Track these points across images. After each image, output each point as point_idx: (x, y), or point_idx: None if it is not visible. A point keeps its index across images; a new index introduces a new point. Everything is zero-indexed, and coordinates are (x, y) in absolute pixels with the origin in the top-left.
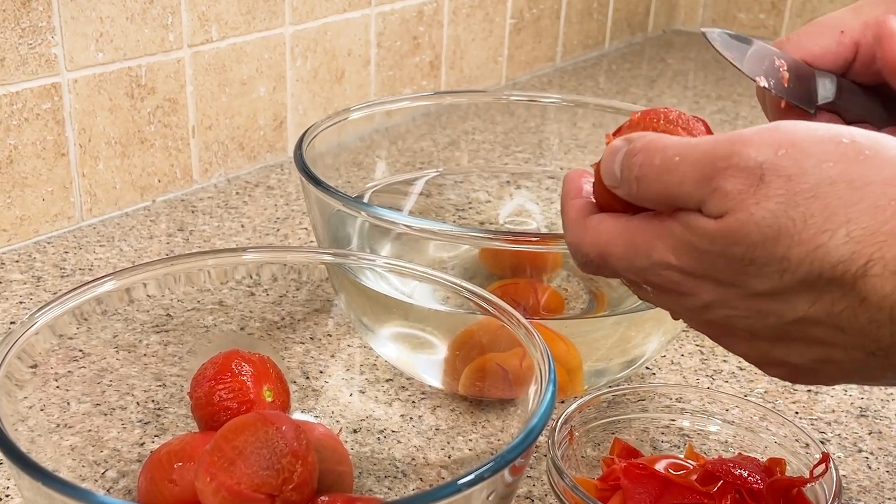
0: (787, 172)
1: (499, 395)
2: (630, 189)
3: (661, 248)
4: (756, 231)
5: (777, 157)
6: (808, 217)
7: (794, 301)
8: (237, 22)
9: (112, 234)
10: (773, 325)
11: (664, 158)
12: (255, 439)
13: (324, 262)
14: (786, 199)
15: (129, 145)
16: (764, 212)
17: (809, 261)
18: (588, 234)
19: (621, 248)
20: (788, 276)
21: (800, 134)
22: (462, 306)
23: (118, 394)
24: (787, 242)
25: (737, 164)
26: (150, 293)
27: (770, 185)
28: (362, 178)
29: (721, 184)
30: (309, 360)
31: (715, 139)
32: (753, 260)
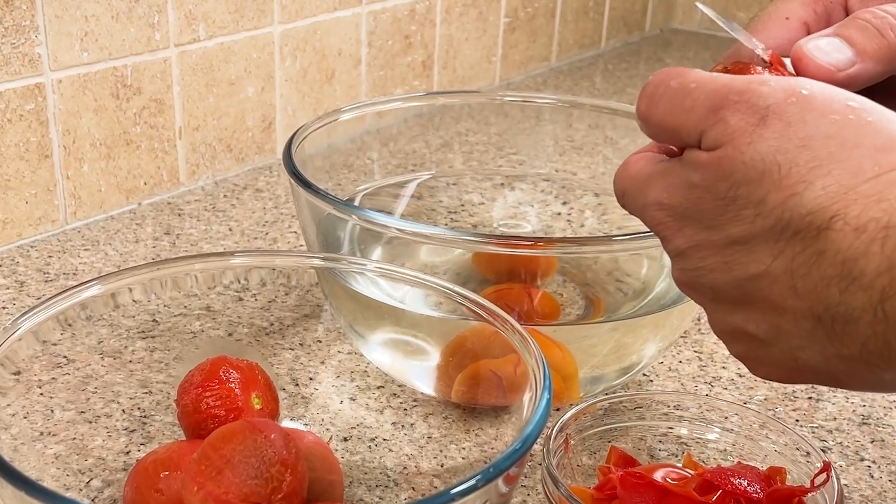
0: (789, 119)
1: (493, 403)
2: (638, 107)
3: (658, 187)
4: (742, 169)
5: (786, 104)
6: (793, 165)
7: (759, 251)
8: (225, 21)
9: (97, 238)
10: (735, 279)
11: (681, 83)
12: (243, 448)
13: (313, 266)
14: (777, 143)
15: (115, 147)
16: (753, 153)
17: (782, 208)
18: (621, 169)
19: (635, 186)
20: (760, 222)
21: (815, 88)
22: (455, 312)
23: (103, 401)
24: (768, 186)
25: (747, 100)
26: (135, 298)
27: (769, 128)
28: (353, 180)
29: (726, 115)
30: (298, 367)
31: (734, 76)
32: (735, 198)
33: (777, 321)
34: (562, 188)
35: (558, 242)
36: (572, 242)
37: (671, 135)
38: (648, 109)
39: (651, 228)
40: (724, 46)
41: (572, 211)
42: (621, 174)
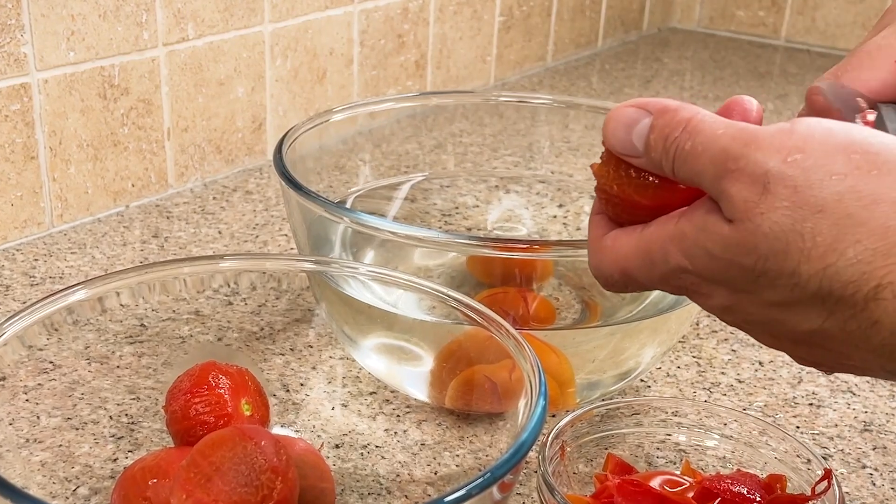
0: (794, 182)
1: (487, 409)
2: (665, 168)
3: (675, 253)
4: (764, 243)
5: (784, 165)
6: (817, 234)
7: (807, 313)
8: (214, 19)
9: (84, 241)
10: (789, 331)
11: (693, 144)
12: (232, 455)
13: (304, 270)
14: (791, 211)
15: (102, 148)
16: (770, 223)
17: (819, 278)
18: (606, 254)
19: (640, 260)
20: (799, 291)
21: (813, 140)
22: (449, 316)
23: (90, 407)
24: (797, 258)
25: (744, 168)
26: (123, 302)
27: (775, 195)
28: (345, 182)
29: (727, 187)
30: (289, 373)
31: (735, 134)
32: (765, 272)
33: (844, 359)
34: (558, 190)
35: (554, 245)
36: (568, 245)
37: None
38: (677, 169)
39: (680, 294)
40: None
41: (568, 213)
42: (608, 259)
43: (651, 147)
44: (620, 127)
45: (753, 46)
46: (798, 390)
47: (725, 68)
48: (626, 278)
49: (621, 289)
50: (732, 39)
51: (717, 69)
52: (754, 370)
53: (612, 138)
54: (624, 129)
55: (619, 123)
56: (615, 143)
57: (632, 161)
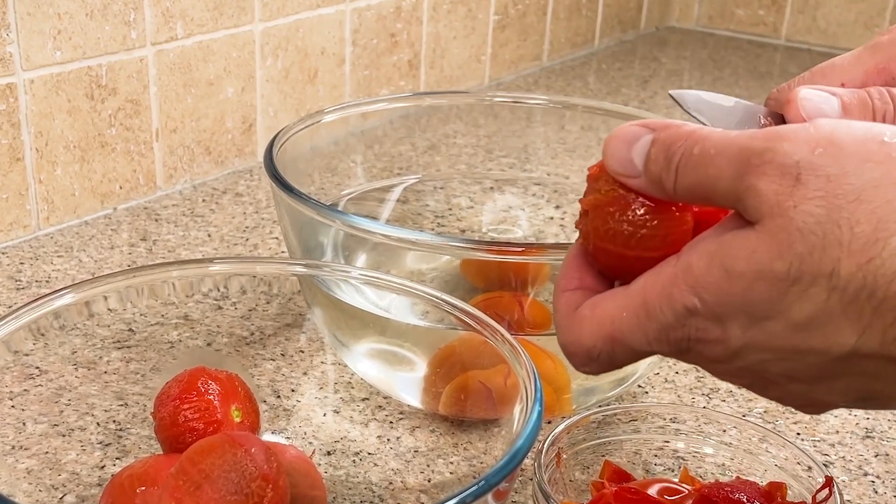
0: (826, 172)
1: (482, 415)
2: (667, 182)
3: (679, 294)
4: (800, 239)
5: (814, 156)
6: (854, 224)
7: (839, 332)
8: (203, 18)
9: (71, 244)
10: (813, 363)
11: (703, 150)
12: (222, 462)
13: (296, 273)
14: (826, 201)
15: (89, 149)
16: (805, 216)
17: (862, 275)
18: (585, 324)
19: (631, 318)
20: (836, 297)
21: (839, 131)
22: (442, 321)
23: (77, 414)
24: (836, 253)
25: (771, 161)
26: (111, 307)
27: (808, 186)
28: (336, 184)
29: (754, 182)
30: (280, 378)
31: (752, 134)
32: (799, 277)
33: (870, 387)
34: (554, 192)
35: (550, 249)
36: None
37: (704, 202)
38: (679, 183)
39: (682, 353)
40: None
41: (565, 216)
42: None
43: (651, 160)
44: (621, 145)
45: (753, 46)
46: None
47: (725, 68)
48: (613, 346)
49: (605, 364)
50: (732, 39)
51: (717, 69)
52: None
53: (611, 158)
54: (625, 146)
55: (620, 141)
56: (614, 163)
57: (629, 182)
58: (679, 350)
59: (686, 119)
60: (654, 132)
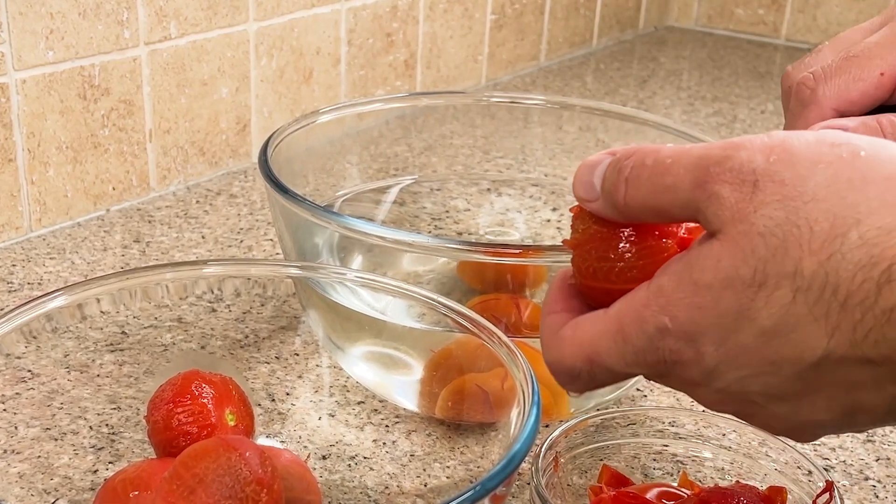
0: (781, 177)
1: (478, 419)
2: (616, 195)
3: (651, 315)
4: (762, 243)
5: (769, 163)
6: (813, 222)
7: (809, 336)
8: (197, 18)
9: (63, 246)
10: (789, 375)
11: (657, 159)
12: (216, 466)
13: (290, 275)
14: (784, 204)
15: (82, 150)
16: (765, 219)
17: (824, 272)
18: (566, 345)
19: (609, 341)
20: (801, 298)
21: (790, 138)
22: (439, 323)
23: (70, 417)
24: (797, 253)
25: (730, 169)
26: (103, 309)
27: (765, 191)
28: (332, 185)
29: (717, 189)
30: (274, 382)
31: (708, 145)
32: (764, 281)
33: (854, 400)
34: (551, 193)
35: (548, 251)
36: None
37: (658, 215)
38: (630, 194)
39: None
40: (722, 45)
41: (563, 217)
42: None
43: (605, 179)
44: (585, 171)
45: (753, 45)
46: None
47: (724, 68)
48: (592, 367)
49: (586, 383)
50: (731, 38)
51: (716, 69)
52: None
53: (576, 184)
54: (588, 171)
55: (585, 167)
56: (578, 188)
57: (590, 206)
58: (658, 374)
59: None
60: (610, 157)
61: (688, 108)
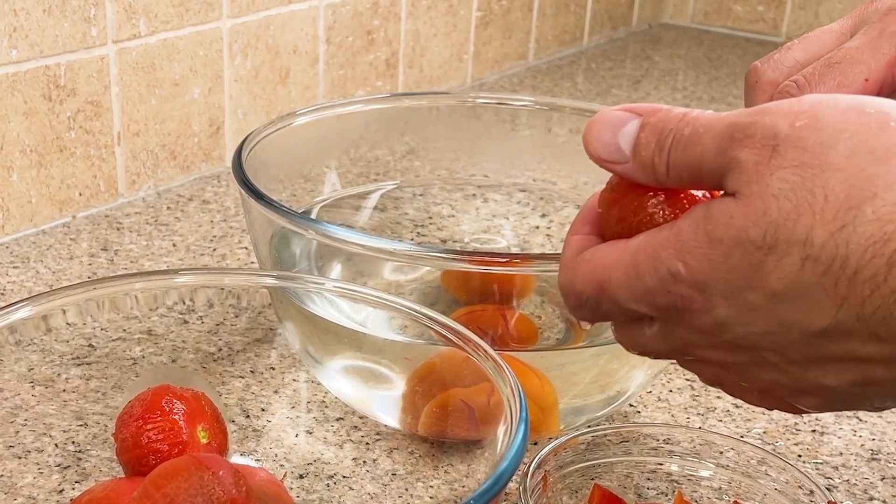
0: (804, 143)
1: (463, 436)
2: (659, 166)
3: (667, 257)
4: (774, 205)
5: (793, 129)
6: (828, 191)
7: (817, 305)
8: (168, 15)
9: (27, 254)
10: (798, 339)
11: (693, 129)
12: (188, 486)
13: (266, 285)
14: (801, 169)
15: (47, 154)
16: (780, 182)
17: (834, 243)
18: (581, 268)
19: (621, 273)
20: (810, 267)
21: (822, 105)
22: (422, 336)
23: (34, 434)
24: (809, 221)
25: (753, 135)
26: (69, 321)
27: (785, 156)
28: (309, 191)
29: (736, 154)
30: (249, 397)
31: (740, 111)
32: (774, 245)
33: (864, 372)
34: (540, 199)
35: (536, 259)
36: (552, 259)
37: (692, 184)
38: (671, 165)
39: (670, 310)
40: (720, 43)
41: (552, 224)
42: (583, 274)
43: (642, 145)
44: (606, 129)
45: (752, 44)
46: (800, 416)
47: (721, 67)
48: (600, 295)
49: (592, 311)
50: (729, 36)
51: (713, 68)
52: None
53: (594, 142)
54: (610, 131)
55: (605, 125)
56: (598, 148)
57: (615, 168)
58: (668, 318)
59: None
60: (641, 117)
61: None
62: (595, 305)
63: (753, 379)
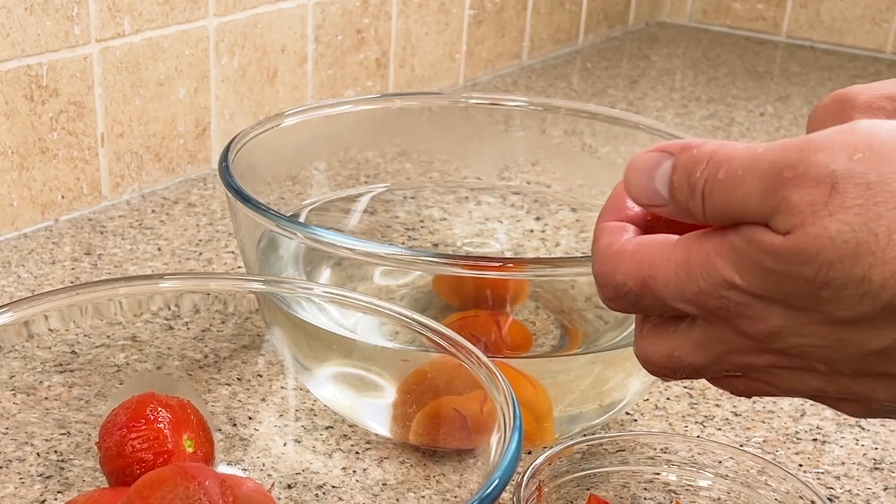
0: (866, 180)
1: (456, 445)
2: (694, 209)
3: (722, 266)
4: (831, 247)
5: (852, 163)
6: (893, 231)
7: (876, 330)
8: (153, 13)
9: (8, 259)
10: (852, 355)
11: (728, 170)
12: (173, 496)
13: (253, 290)
14: (865, 209)
15: (28, 156)
16: (840, 224)
17: (894, 282)
18: (624, 259)
19: (670, 271)
20: (869, 302)
21: (880, 135)
22: (413, 342)
23: (15, 443)
24: (868, 261)
25: (805, 173)
26: (52, 327)
27: (845, 195)
28: (298, 193)
29: (787, 195)
30: (236, 405)
31: (783, 145)
32: (827, 282)
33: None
34: (534, 202)
35: (530, 264)
36: (546, 264)
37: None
38: (707, 209)
39: (721, 312)
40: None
41: (546, 228)
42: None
43: (675, 188)
44: (642, 175)
45: (751, 43)
46: (801, 424)
47: (720, 67)
48: (643, 289)
49: (630, 305)
50: (728, 35)
51: (712, 68)
52: (752, 402)
53: (634, 189)
54: (645, 175)
55: (640, 171)
56: (638, 194)
57: (660, 212)
58: (716, 316)
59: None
60: (673, 156)
61: (681, 109)
62: (635, 300)
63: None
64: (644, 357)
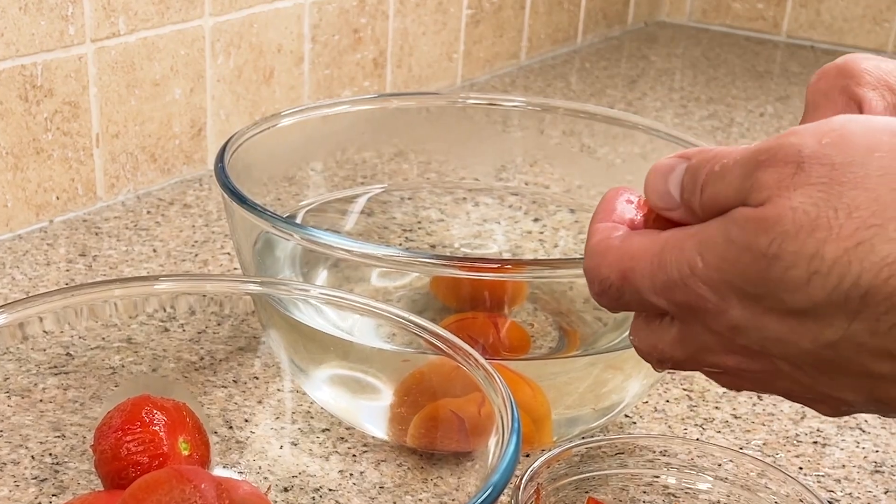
0: (832, 161)
1: (453, 448)
2: (693, 204)
3: (689, 248)
4: (791, 217)
5: (821, 146)
6: (853, 209)
7: (827, 317)
8: (148, 13)
9: (2, 260)
10: (808, 349)
11: (723, 164)
12: (169, 499)
13: (249, 292)
14: (828, 187)
15: (23, 157)
16: (803, 197)
17: (847, 260)
18: (609, 253)
19: (646, 262)
20: (819, 282)
21: (851, 125)
22: (411, 344)
23: (10, 446)
24: (822, 236)
25: (775, 155)
26: (46, 329)
27: (810, 173)
28: (294, 194)
29: (759, 175)
30: (232, 407)
31: (771, 137)
32: (778, 256)
33: (879, 389)
34: (532, 203)
35: (528, 265)
36: (545, 265)
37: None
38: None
39: (685, 314)
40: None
41: (545, 229)
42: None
43: (684, 189)
44: (658, 178)
45: (751, 42)
46: (801, 427)
47: (720, 67)
48: (623, 283)
49: (614, 300)
50: (728, 35)
51: (711, 68)
52: (752, 404)
53: (651, 193)
54: (662, 179)
55: (658, 174)
56: (656, 198)
57: (672, 216)
58: (685, 316)
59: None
60: (688, 161)
61: (680, 110)
62: (617, 294)
63: (769, 387)
64: (635, 345)
